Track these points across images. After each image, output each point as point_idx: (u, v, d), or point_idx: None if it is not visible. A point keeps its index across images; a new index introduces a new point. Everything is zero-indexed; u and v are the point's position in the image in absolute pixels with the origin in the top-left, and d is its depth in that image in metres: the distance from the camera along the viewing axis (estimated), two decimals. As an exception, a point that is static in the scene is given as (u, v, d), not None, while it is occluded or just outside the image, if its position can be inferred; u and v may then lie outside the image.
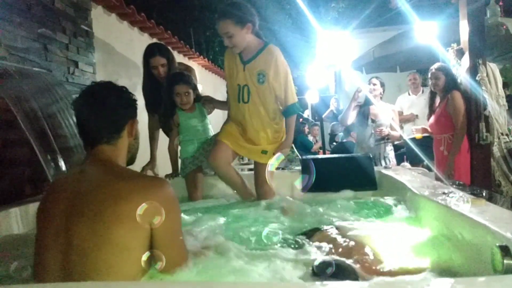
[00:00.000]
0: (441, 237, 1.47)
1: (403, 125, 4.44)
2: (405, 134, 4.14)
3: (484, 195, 1.61)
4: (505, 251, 1.01)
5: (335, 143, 6.77)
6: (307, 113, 11.08)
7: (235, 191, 2.65)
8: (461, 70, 3.56)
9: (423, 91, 4.48)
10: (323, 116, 7.60)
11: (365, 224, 1.79)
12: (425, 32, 4.90)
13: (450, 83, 3.44)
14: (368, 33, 8.48)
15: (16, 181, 2.29)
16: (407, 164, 3.57)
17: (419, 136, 3.80)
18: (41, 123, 2.15)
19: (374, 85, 3.80)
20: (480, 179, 3.36)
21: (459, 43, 3.68)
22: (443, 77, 3.45)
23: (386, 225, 1.82)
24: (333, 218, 1.95)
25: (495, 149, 3.39)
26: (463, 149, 3.37)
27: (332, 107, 7.49)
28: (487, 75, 3.43)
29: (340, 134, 6.51)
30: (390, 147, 3.78)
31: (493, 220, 1.22)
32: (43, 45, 2.63)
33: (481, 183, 3.28)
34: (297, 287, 1.13)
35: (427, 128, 3.71)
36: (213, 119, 3.04)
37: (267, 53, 2.38)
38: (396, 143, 4.05)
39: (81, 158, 1.33)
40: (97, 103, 1.28)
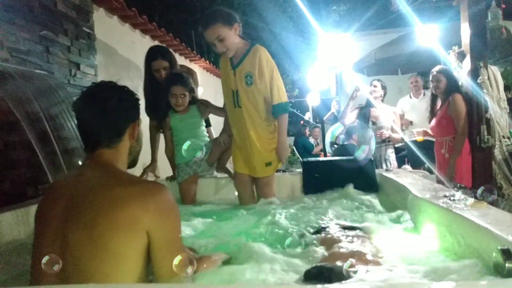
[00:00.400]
0: (443, 240, 1.47)
1: (404, 130, 4.44)
2: (406, 136, 4.13)
3: (485, 198, 1.60)
4: (507, 254, 1.01)
5: (336, 146, 6.76)
6: (308, 116, 11.07)
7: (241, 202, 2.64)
8: (462, 73, 3.55)
9: (425, 94, 4.47)
10: (324, 118, 7.58)
11: (366, 226, 1.79)
12: (426, 34, 4.89)
13: (451, 86, 3.44)
14: (369, 36, 8.49)
15: (17, 183, 2.29)
16: (408, 166, 3.57)
17: (420, 138, 3.80)
18: (42, 125, 2.16)
19: (374, 87, 3.81)
20: (481, 182, 3.35)
21: (460, 46, 3.68)
22: (444, 79, 3.45)
23: (387, 227, 1.82)
24: (334, 219, 1.95)
25: (497, 152, 3.38)
26: (464, 152, 3.36)
27: (333, 110, 7.47)
28: (489, 78, 3.42)
29: (341, 136, 6.50)
30: (391, 150, 3.78)
31: (495, 223, 1.22)
32: (45, 47, 2.64)
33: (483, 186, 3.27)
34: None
35: (428, 130, 3.71)
36: (214, 121, 3.04)
37: (252, 54, 2.40)
38: (397, 145, 4.04)
39: (82, 160, 1.30)
40: (97, 106, 1.24)
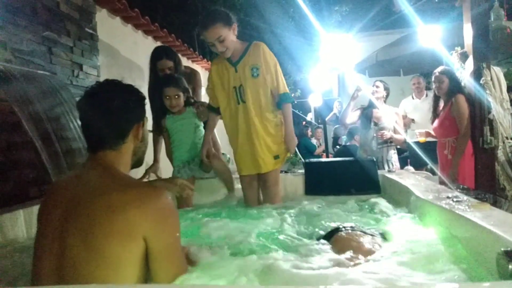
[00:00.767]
0: (445, 242, 1.46)
1: (406, 129, 4.43)
2: (409, 137, 4.13)
3: (488, 200, 1.60)
4: (510, 256, 1.00)
5: (338, 146, 6.76)
6: (310, 116, 11.06)
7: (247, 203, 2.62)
8: (465, 73, 3.54)
9: (427, 95, 4.46)
10: (326, 119, 7.58)
11: (370, 227, 1.78)
12: (428, 35, 4.89)
13: (453, 87, 3.43)
14: (371, 36, 8.49)
15: (20, 184, 2.30)
16: (410, 168, 3.56)
17: (422, 139, 3.79)
18: (45, 125, 2.16)
19: (377, 87, 3.80)
20: (484, 183, 3.34)
21: (463, 47, 3.67)
22: (447, 80, 3.44)
23: (389, 229, 1.81)
24: (337, 221, 1.94)
25: (500, 153, 3.37)
26: (467, 153, 3.35)
27: (335, 110, 7.48)
28: (491, 79, 3.41)
29: (343, 137, 6.49)
30: (393, 151, 3.77)
31: (498, 224, 1.21)
32: (48, 48, 2.65)
33: (485, 187, 3.26)
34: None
35: (431, 131, 3.70)
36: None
37: (254, 48, 2.44)
38: (398, 146, 4.03)
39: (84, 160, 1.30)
40: (100, 106, 1.20)
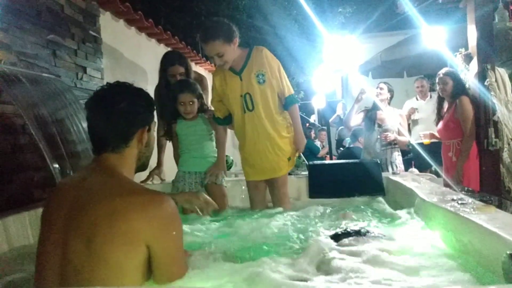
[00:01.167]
0: (450, 245, 1.46)
1: (411, 130, 4.42)
2: (413, 139, 4.11)
3: (493, 202, 1.59)
4: (516, 259, 1.00)
5: (342, 148, 6.74)
6: (314, 118, 11.06)
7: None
8: (469, 75, 3.53)
9: (431, 97, 4.45)
10: (330, 121, 7.57)
11: (376, 230, 1.78)
12: (432, 37, 4.87)
13: (458, 88, 3.42)
14: (375, 38, 8.48)
15: (25, 186, 2.31)
16: (415, 170, 3.54)
17: (427, 141, 3.78)
18: (50, 128, 2.17)
19: (381, 89, 3.79)
20: (489, 185, 3.32)
21: (467, 48, 3.66)
22: (451, 82, 3.43)
23: (393, 231, 1.81)
24: (346, 224, 1.93)
25: (505, 155, 3.35)
26: (472, 155, 3.33)
27: (339, 112, 7.45)
28: (496, 80, 3.40)
29: (347, 139, 6.48)
30: (397, 153, 3.75)
31: (503, 227, 1.21)
32: (52, 51, 2.66)
33: (491, 189, 3.25)
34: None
35: (435, 133, 3.68)
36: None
37: (256, 54, 2.40)
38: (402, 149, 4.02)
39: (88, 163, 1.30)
40: (105, 109, 1.21)
